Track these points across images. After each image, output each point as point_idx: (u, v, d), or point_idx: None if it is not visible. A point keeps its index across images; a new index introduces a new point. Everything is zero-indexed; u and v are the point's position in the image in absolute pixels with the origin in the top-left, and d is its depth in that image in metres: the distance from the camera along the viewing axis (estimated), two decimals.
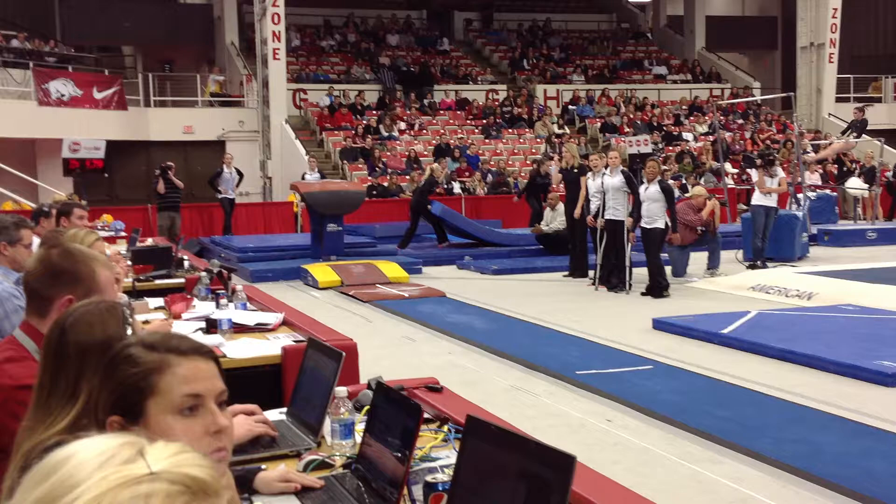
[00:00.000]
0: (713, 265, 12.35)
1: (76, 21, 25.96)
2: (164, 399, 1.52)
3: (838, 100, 26.61)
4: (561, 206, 13.33)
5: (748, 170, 13.11)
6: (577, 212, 12.02)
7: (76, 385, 1.87)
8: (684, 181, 20.54)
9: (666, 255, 12.37)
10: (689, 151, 23.55)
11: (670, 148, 23.96)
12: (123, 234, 12.00)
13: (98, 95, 21.21)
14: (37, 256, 2.63)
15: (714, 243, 12.38)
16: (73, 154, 18.56)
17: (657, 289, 10.51)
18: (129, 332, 2.00)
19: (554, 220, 14.04)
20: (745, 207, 17.70)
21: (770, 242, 12.98)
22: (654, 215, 10.56)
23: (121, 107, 21.69)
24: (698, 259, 12.44)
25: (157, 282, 6.29)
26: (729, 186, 18.41)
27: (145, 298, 5.28)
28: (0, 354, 2.41)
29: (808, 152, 20.09)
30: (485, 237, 15.29)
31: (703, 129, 25.37)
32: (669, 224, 10.76)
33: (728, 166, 21.33)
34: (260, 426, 2.64)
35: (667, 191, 10.65)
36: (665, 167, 21.61)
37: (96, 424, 1.56)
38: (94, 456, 0.91)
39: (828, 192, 19.57)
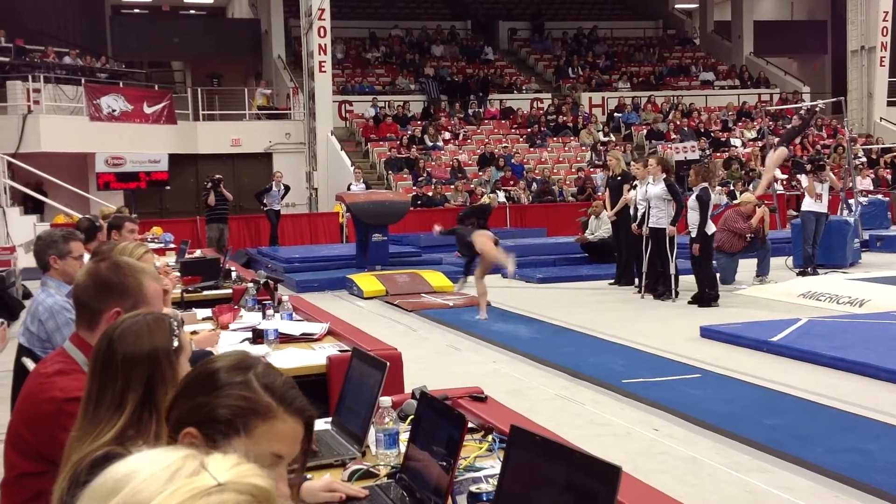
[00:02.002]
0: (762, 272, 12.18)
1: (127, 37, 26.46)
2: (251, 444, 1.45)
3: (889, 103, 26.17)
4: (605, 214, 13.25)
5: (798, 175, 12.91)
6: (611, 214, 12.16)
7: (123, 396, 1.90)
8: (732, 187, 20.33)
9: (714, 262, 12.26)
10: (737, 157, 23.29)
11: (718, 154, 23.72)
12: (172, 245, 12.16)
13: (148, 110, 21.56)
14: (86, 269, 2.68)
15: (763, 250, 12.22)
16: (112, 168, 18.93)
17: (702, 298, 10.41)
18: (176, 343, 2.03)
19: (598, 228, 13.96)
20: (794, 213, 17.47)
21: (821, 249, 12.78)
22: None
23: (170, 121, 22.03)
24: (747, 266, 12.28)
25: (205, 293, 6.37)
26: (778, 192, 18.18)
27: (193, 309, 5.35)
28: (50, 367, 2.46)
29: (860, 157, 19.76)
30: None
31: (752, 134, 25.08)
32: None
33: (777, 172, 21.03)
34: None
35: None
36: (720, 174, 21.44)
37: (167, 428, 1.55)
38: (160, 470, 0.93)
39: (880, 196, 19.22)
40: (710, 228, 10.49)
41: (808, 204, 12.73)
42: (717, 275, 10.77)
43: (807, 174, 12.80)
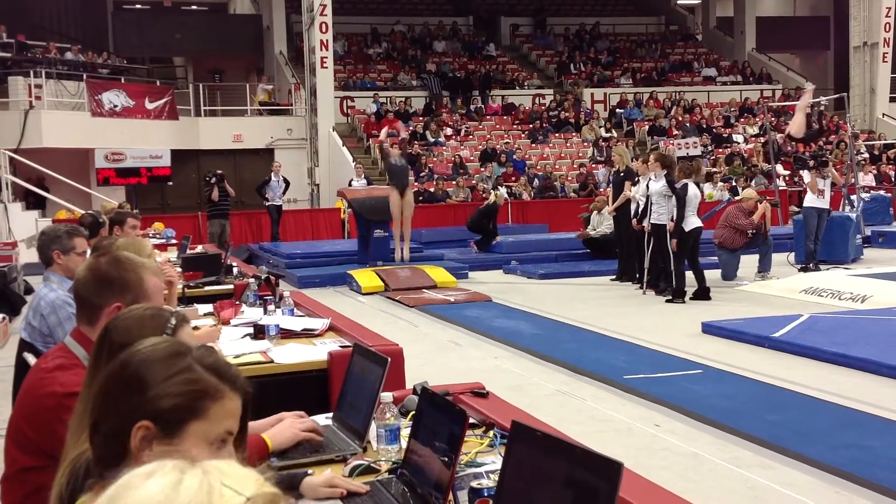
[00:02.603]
0: (764, 268, 12.17)
1: (128, 33, 26.46)
2: (208, 427, 1.48)
3: (892, 100, 26.11)
4: (607, 210, 13.25)
5: (801, 171, 12.89)
6: (611, 210, 12.33)
7: None
8: (734, 183, 20.31)
9: (715, 258, 12.26)
10: (739, 153, 23.27)
11: (720, 150, 23.70)
12: (174, 241, 12.17)
13: (150, 106, 21.56)
14: (86, 265, 2.68)
15: (765, 246, 12.21)
16: (112, 164, 18.96)
17: (675, 293, 10.45)
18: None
19: (601, 224, 13.95)
20: (797, 209, 17.46)
21: (823, 245, 12.78)
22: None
23: (172, 116, 22.03)
24: (749, 262, 12.27)
25: (207, 288, 6.37)
26: (780, 188, 18.15)
27: (195, 305, 5.34)
28: (51, 362, 2.46)
29: (862, 153, 19.72)
30: None
31: (754, 130, 25.05)
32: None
33: (779, 168, 21.03)
34: (305, 433, 2.66)
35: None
36: (715, 169, 21.43)
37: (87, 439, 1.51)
38: (190, 497, 0.97)
39: (882, 192, 19.20)
40: (689, 224, 10.44)
41: (810, 200, 12.73)
42: (702, 272, 10.74)
43: (809, 170, 12.79)
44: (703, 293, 10.50)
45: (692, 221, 10.46)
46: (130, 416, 1.46)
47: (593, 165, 22.33)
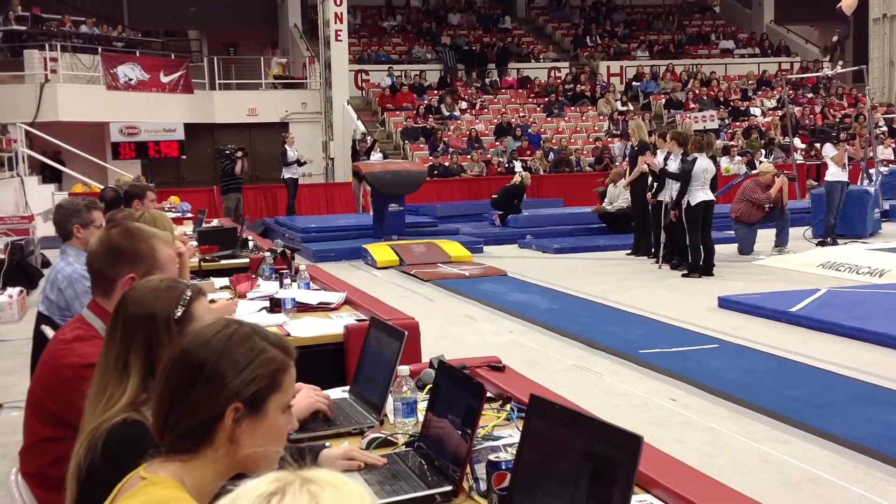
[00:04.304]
0: (781, 242, 12.10)
1: (143, 6, 26.39)
2: (283, 397, 1.59)
3: None
4: (622, 183, 13.18)
5: (825, 144, 12.65)
6: (626, 183, 12.42)
7: (125, 357, 1.89)
8: (752, 157, 20.17)
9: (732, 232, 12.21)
10: (756, 127, 23.09)
11: (737, 123, 23.52)
12: (190, 215, 12.19)
13: (165, 79, 21.54)
14: (98, 237, 2.68)
15: (782, 221, 12.13)
16: (128, 138, 18.99)
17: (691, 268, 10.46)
18: (180, 313, 2.00)
19: (617, 197, 13.89)
20: (814, 183, 17.33)
21: (841, 219, 12.67)
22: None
23: (187, 90, 22.00)
24: (766, 236, 12.21)
25: (223, 262, 6.38)
26: (798, 162, 18.01)
27: (211, 278, 5.36)
28: (69, 333, 2.47)
29: (881, 126, 19.50)
30: None
31: (772, 103, 24.83)
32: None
33: (797, 141, 20.85)
34: (321, 401, 2.68)
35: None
36: (732, 143, 21.25)
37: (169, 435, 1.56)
38: None
39: None
40: (696, 198, 10.28)
41: (835, 174, 12.50)
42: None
43: (835, 143, 12.57)
44: (706, 268, 10.42)
45: (699, 195, 10.32)
46: (221, 405, 1.53)
47: (609, 139, 22.20)
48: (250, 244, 7.00)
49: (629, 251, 12.39)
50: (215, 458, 1.53)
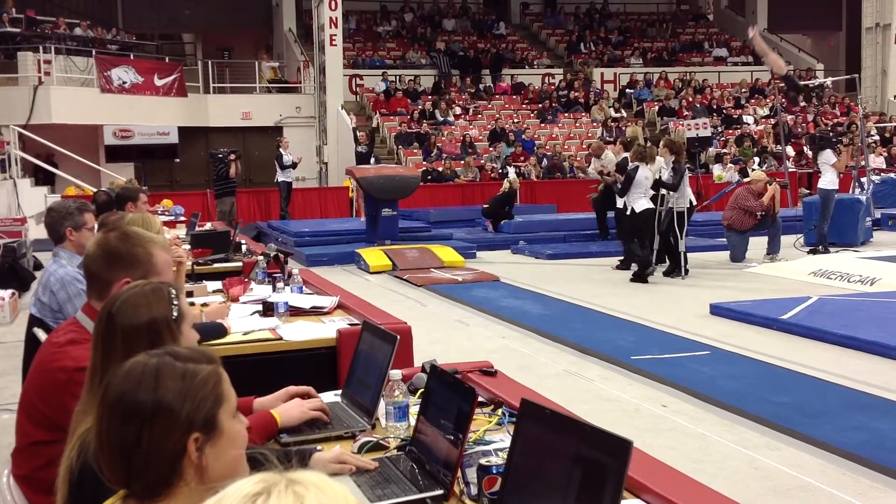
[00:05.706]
0: (773, 250, 12.14)
1: (137, 9, 26.41)
2: (228, 405, 1.56)
3: None
4: (608, 154, 13.57)
5: (826, 150, 12.49)
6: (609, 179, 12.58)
7: None
8: (744, 164, 20.23)
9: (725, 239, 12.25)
10: (749, 135, 23.16)
11: (730, 131, 23.59)
12: (183, 218, 12.18)
13: (159, 82, 21.52)
14: (95, 240, 2.68)
15: (774, 228, 12.17)
16: (120, 141, 18.97)
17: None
18: (176, 312, 2.02)
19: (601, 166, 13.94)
20: (806, 191, 17.38)
21: (832, 227, 12.70)
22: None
23: (181, 93, 21.99)
24: (758, 244, 12.24)
25: (216, 265, 6.39)
26: (790, 170, 18.07)
27: (204, 281, 5.36)
28: (62, 336, 2.47)
29: (873, 135, 19.56)
30: None
31: (764, 111, 24.92)
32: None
33: (789, 149, 20.94)
34: (313, 412, 2.67)
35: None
36: (725, 150, 21.30)
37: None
38: None
39: (892, 175, 19.10)
40: (640, 206, 10.59)
41: (831, 182, 12.46)
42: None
43: (835, 151, 12.54)
44: (642, 276, 10.53)
45: (642, 203, 10.60)
46: (179, 440, 1.49)
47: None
48: (243, 248, 7.00)
49: (618, 264, 12.27)
50: (189, 491, 1.49)
